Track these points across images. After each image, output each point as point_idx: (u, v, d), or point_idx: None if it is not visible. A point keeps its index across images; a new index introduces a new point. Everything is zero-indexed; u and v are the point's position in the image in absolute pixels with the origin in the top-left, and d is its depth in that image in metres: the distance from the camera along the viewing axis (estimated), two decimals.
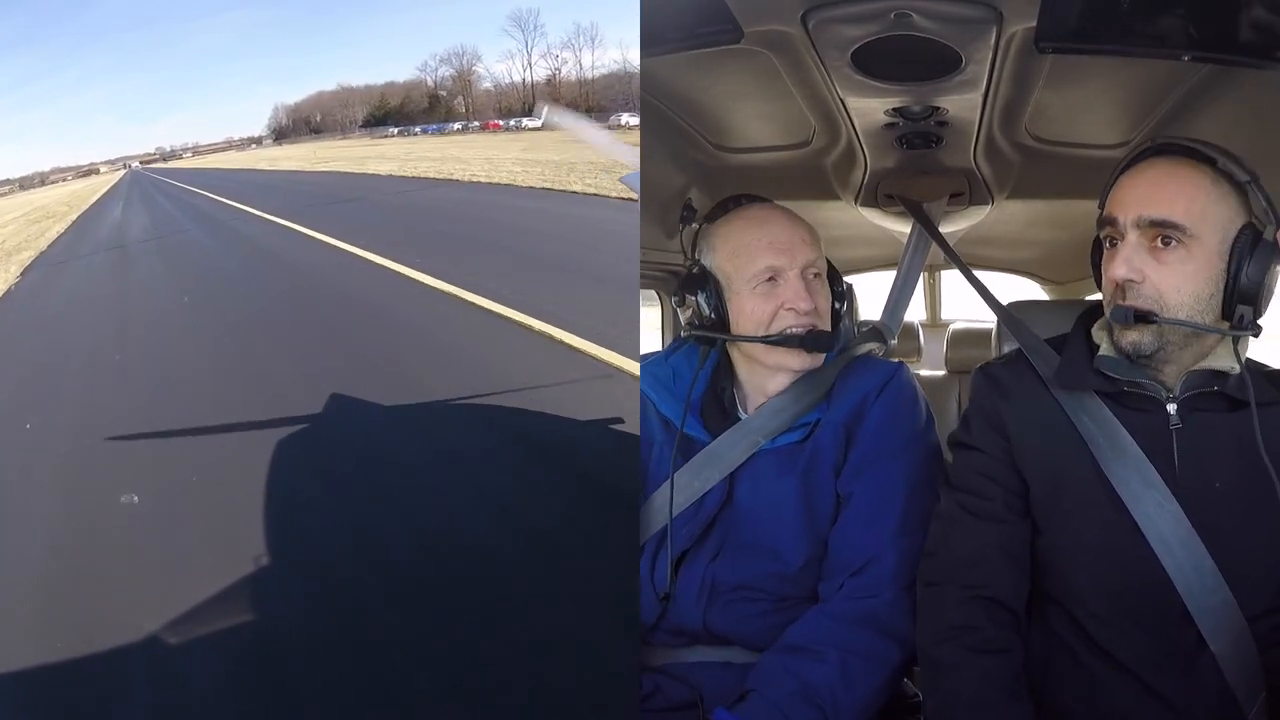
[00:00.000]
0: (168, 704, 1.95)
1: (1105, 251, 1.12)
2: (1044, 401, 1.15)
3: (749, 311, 1.33)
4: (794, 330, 1.31)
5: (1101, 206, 1.16)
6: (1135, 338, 1.08)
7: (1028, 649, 1.13)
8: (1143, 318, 1.06)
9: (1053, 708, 1.11)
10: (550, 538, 2.44)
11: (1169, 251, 1.06)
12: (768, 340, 1.32)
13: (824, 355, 1.36)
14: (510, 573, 2.29)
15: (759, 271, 1.32)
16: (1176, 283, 1.06)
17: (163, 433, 3.67)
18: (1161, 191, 1.07)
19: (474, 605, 2.17)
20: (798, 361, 1.33)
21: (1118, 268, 1.07)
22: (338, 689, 1.93)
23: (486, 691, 1.86)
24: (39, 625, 2.31)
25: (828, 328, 1.35)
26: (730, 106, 1.58)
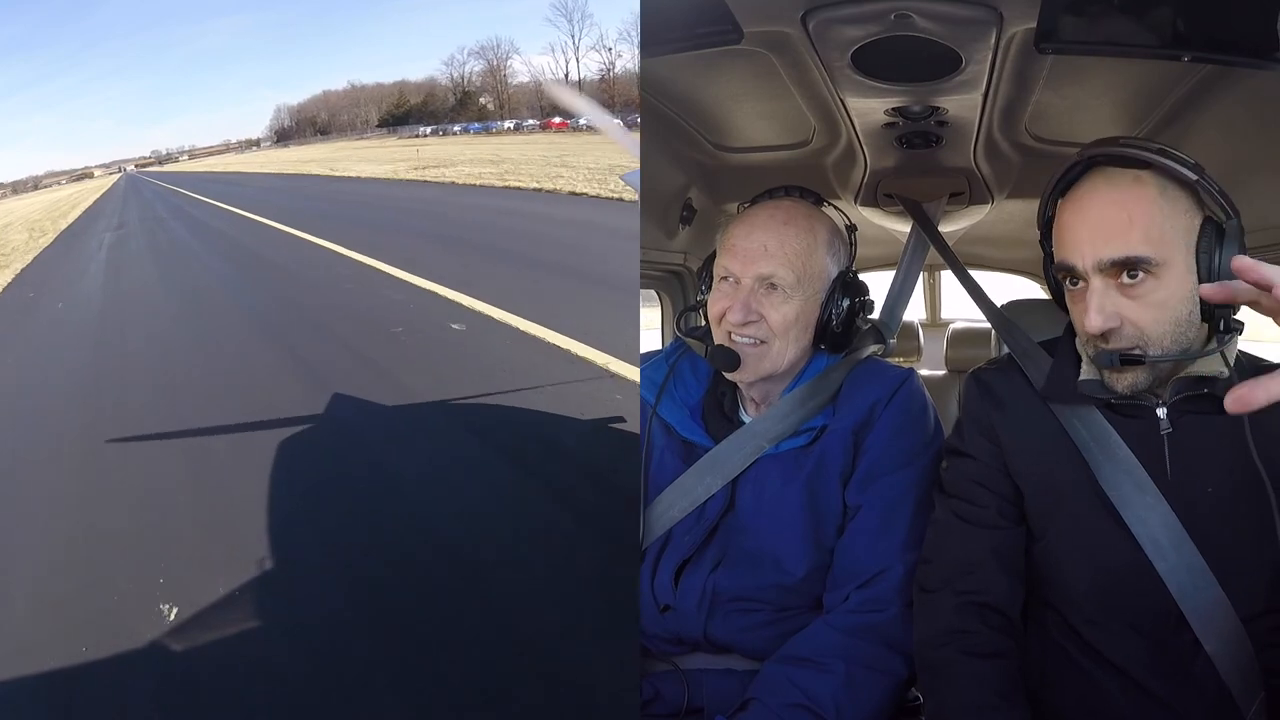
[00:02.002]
0: (170, 705, 1.95)
1: (1067, 290, 1.07)
2: (1035, 407, 1.14)
3: (711, 317, 1.34)
4: (731, 340, 1.30)
5: (1042, 219, 1.12)
6: (1130, 380, 1.03)
7: (1024, 654, 1.13)
8: (1130, 360, 1.01)
9: (1050, 712, 1.10)
10: (550, 541, 2.44)
11: (1138, 285, 0.99)
12: (708, 355, 1.33)
13: (773, 372, 1.30)
14: (510, 575, 2.29)
15: (720, 275, 1.32)
16: (1155, 315, 1.00)
17: (164, 434, 3.69)
18: (1113, 224, 0.99)
19: (474, 607, 2.17)
20: (734, 377, 1.32)
21: (1092, 319, 1.00)
22: (336, 691, 1.93)
23: (485, 694, 1.86)
24: (39, 627, 2.32)
25: (768, 339, 1.28)
26: (730, 106, 1.57)
